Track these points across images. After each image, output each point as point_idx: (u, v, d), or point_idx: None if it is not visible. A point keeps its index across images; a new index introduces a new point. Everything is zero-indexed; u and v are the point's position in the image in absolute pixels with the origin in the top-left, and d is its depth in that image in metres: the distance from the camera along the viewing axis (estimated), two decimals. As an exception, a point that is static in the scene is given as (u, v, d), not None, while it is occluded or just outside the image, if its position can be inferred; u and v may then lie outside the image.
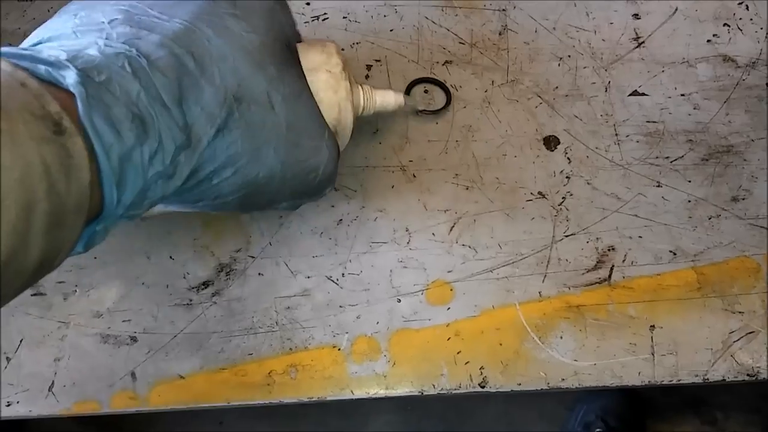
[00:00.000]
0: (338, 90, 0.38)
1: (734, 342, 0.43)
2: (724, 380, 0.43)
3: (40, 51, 0.25)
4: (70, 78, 0.24)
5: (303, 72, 0.36)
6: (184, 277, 0.44)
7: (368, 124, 0.47)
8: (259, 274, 0.44)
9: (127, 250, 0.44)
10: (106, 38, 0.27)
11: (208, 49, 0.29)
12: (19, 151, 0.20)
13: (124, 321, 0.43)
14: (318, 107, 0.36)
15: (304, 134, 0.34)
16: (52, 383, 0.42)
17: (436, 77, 0.49)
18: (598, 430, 1.16)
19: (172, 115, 0.27)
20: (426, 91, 0.49)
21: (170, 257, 0.44)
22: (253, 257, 0.45)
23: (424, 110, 0.48)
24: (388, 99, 0.43)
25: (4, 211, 0.20)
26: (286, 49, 0.34)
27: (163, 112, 0.27)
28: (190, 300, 0.43)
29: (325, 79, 0.38)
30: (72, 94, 0.24)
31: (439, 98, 0.48)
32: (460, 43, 0.50)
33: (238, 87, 0.30)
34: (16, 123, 0.21)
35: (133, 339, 0.43)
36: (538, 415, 1.25)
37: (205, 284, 0.44)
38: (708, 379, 0.43)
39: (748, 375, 0.43)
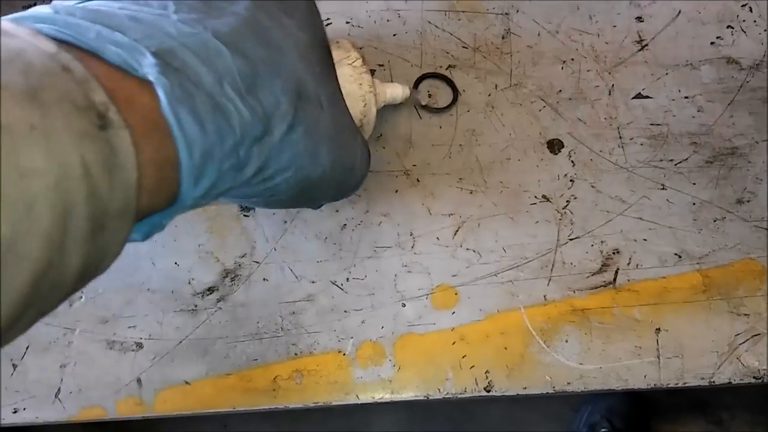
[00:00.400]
0: (362, 83, 0.39)
1: (740, 344, 0.43)
2: (730, 383, 0.43)
3: (105, 32, 0.22)
4: (147, 65, 0.22)
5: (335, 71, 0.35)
6: (189, 283, 0.44)
7: (372, 129, 0.47)
8: (264, 279, 0.44)
9: (133, 255, 0.45)
10: (176, 14, 0.24)
11: (274, 40, 0.28)
12: (55, 151, 0.18)
13: (129, 327, 0.43)
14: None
15: (345, 133, 0.33)
16: (59, 389, 0.42)
17: (443, 73, 0.49)
18: (603, 430, 1.16)
19: (251, 105, 0.25)
20: (430, 95, 0.49)
21: (175, 263, 0.44)
22: (257, 263, 0.45)
23: (428, 106, 0.48)
24: (396, 92, 0.44)
25: (37, 220, 0.18)
26: (325, 48, 0.33)
27: (243, 101, 0.25)
28: (196, 306, 0.44)
29: (349, 73, 0.38)
30: (136, 80, 0.22)
31: (444, 99, 0.48)
32: (464, 47, 0.50)
33: (297, 83, 0.28)
34: (53, 117, 0.18)
35: (139, 345, 0.43)
36: (543, 416, 1.25)
37: (210, 290, 0.44)
38: (714, 382, 0.43)
39: (754, 377, 0.43)
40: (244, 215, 0.45)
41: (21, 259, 0.17)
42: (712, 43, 0.50)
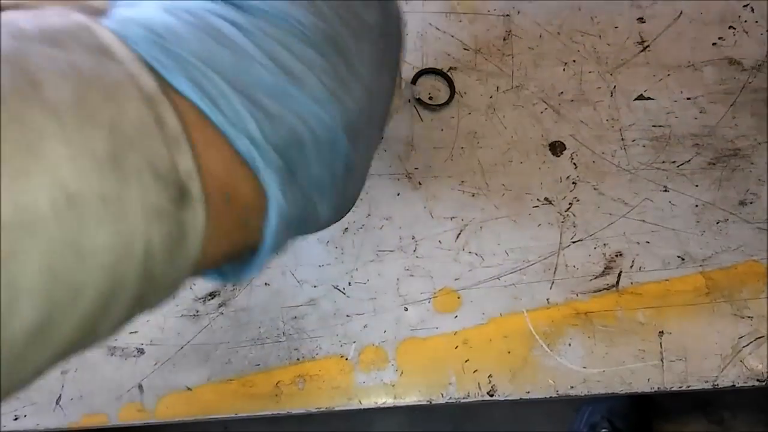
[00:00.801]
0: None
1: (743, 347, 0.43)
2: (734, 386, 0.43)
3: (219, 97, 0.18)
4: (269, 176, 0.19)
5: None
6: (191, 288, 0.44)
7: (373, 132, 0.47)
8: (266, 284, 0.44)
9: (133, 261, 0.44)
10: (317, 75, 0.20)
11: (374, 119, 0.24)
12: (122, 231, 0.15)
13: (131, 333, 0.43)
14: None
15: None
16: (60, 396, 0.42)
17: (441, 69, 0.48)
18: (603, 430, 1.15)
19: (333, 195, 0.23)
20: (431, 96, 0.48)
21: (176, 268, 0.44)
22: (259, 267, 0.44)
23: (423, 101, 0.48)
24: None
25: (80, 305, 0.15)
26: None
27: (329, 192, 0.23)
28: (197, 311, 0.43)
29: None
30: (247, 170, 0.19)
31: (444, 99, 0.48)
32: (465, 49, 0.50)
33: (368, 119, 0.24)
34: (130, 188, 0.15)
35: (140, 351, 0.43)
36: (545, 416, 1.25)
37: (212, 295, 0.44)
38: (718, 385, 0.43)
39: (758, 380, 0.43)
40: (245, 219, 0.45)
41: (48, 342, 0.15)
42: (713, 43, 0.49)
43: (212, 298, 0.44)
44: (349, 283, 0.44)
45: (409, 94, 0.48)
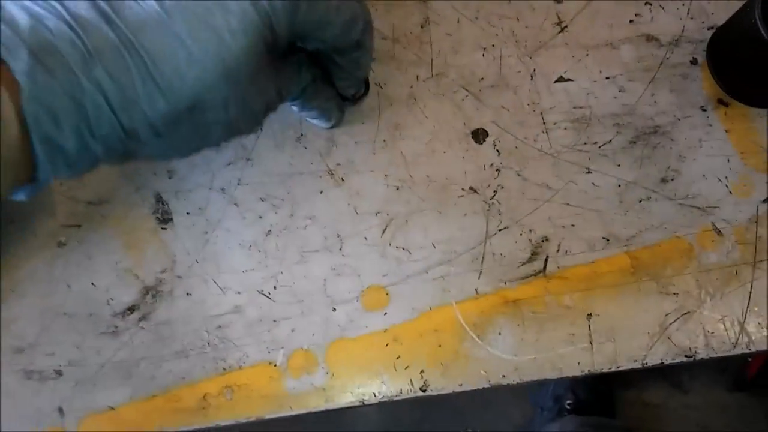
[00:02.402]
0: None
1: (670, 324, 0.43)
2: (662, 363, 0.43)
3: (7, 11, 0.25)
4: (20, 63, 0.24)
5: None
6: (108, 303, 0.42)
7: (292, 129, 0.46)
8: (187, 294, 0.43)
9: (46, 279, 0.42)
10: (78, 4, 0.26)
11: (174, 51, 0.27)
12: None
13: (47, 355, 0.41)
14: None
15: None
16: (-25, 427, 0.40)
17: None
18: (568, 401, 1.17)
19: (114, 122, 0.27)
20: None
21: (92, 284, 0.42)
22: (179, 277, 0.43)
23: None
24: None
25: None
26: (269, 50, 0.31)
27: (108, 115, 0.27)
28: (116, 327, 0.42)
29: None
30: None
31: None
32: (382, 38, 0.48)
33: (194, 97, 0.28)
34: None
35: (58, 373, 0.41)
36: (510, 391, 1.26)
37: (131, 309, 0.42)
38: (647, 363, 0.43)
39: (686, 356, 0.43)
40: (162, 228, 0.44)
41: None
42: (630, 21, 0.49)
43: (131, 313, 0.42)
44: (275, 287, 0.43)
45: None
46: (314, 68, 0.38)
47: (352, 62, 0.37)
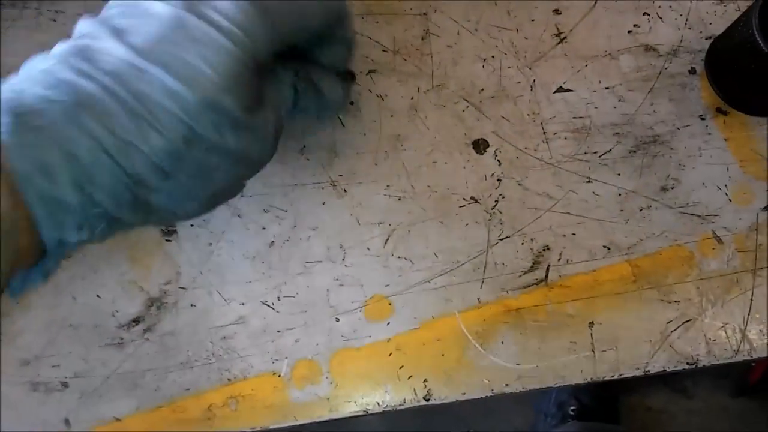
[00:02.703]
0: None
1: (672, 332, 0.44)
2: (664, 371, 0.43)
3: None
4: (3, 126, 0.24)
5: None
6: (114, 315, 0.43)
7: (294, 141, 0.46)
8: (192, 305, 0.43)
9: (52, 292, 0.43)
10: (53, 71, 0.26)
11: (155, 88, 0.26)
12: None
13: (53, 366, 0.42)
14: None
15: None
16: (-18, 439, 0.40)
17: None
18: (572, 407, 1.17)
19: (115, 168, 0.26)
20: (352, 102, 0.48)
21: (97, 296, 0.43)
22: (184, 288, 0.43)
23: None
24: None
25: None
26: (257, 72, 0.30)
27: (106, 161, 0.26)
28: (121, 338, 0.42)
29: None
30: None
31: (367, 106, 0.48)
32: (383, 50, 0.49)
33: (186, 128, 0.27)
34: None
35: (64, 384, 0.41)
36: (513, 399, 1.26)
37: (136, 321, 0.43)
38: (649, 371, 0.43)
39: (687, 363, 0.43)
40: (167, 240, 0.44)
41: None
42: (629, 31, 0.50)
43: (136, 325, 0.42)
44: (278, 297, 0.44)
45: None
46: (295, 78, 0.36)
47: (335, 55, 0.37)
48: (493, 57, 0.49)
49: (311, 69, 0.37)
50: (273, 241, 0.45)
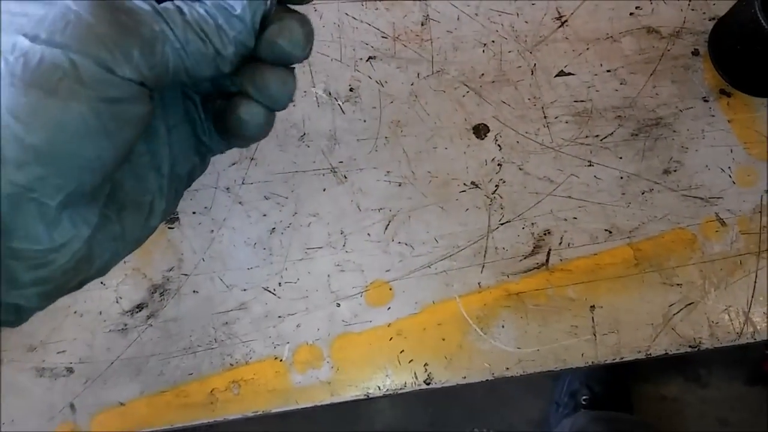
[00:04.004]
0: None
1: (674, 315, 0.43)
2: (666, 354, 0.43)
3: None
4: None
5: None
6: (117, 302, 0.43)
7: (295, 128, 0.47)
8: (194, 291, 0.44)
9: (57, 279, 0.43)
10: None
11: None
12: None
13: (58, 352, 0.42)
14: None
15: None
16: (-10, 423, 0.41)
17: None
18: (584, 396, 1.17)
19: None
20: (352, 89, 0.48)
21: (101, 283, 0.43)
22: (186, 275, 0.44)
23: None
24: None
25: None
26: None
27: None
28: (125, 324, 0.43)
29: None
30: None
31: (367, 93, 0.47)
32: (383, 37, 0.49)
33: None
34: None
35: (69, 370, 0.42)
36: (524, 388, 1.26)
37: (139, 307, 0.43)
38: (651, 354, 0.43)
39: (690, 347, 0.43)
40: (169, 227, 0.44)
41: None
42: (631, 13, 0.49)
43: (140, 311, 0.43)
44: (279, 283, 0.44)
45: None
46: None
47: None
48: (493, 42, 0.49)
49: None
50: (274, 228, 0.45)
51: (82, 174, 0.21)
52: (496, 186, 0.46)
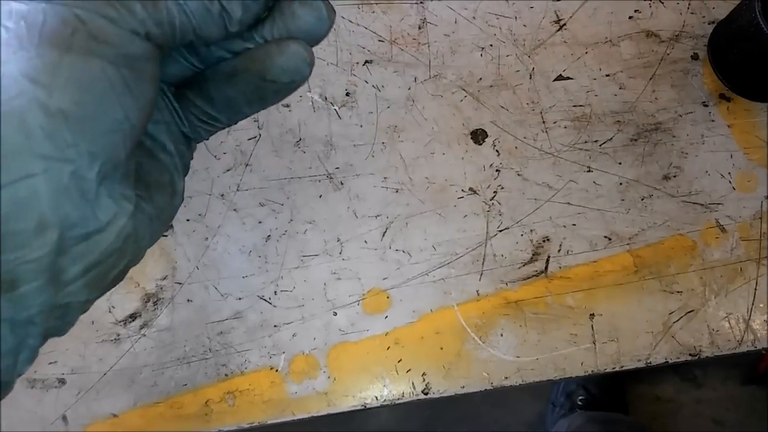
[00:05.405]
0: None
1: (674, 323, 0.43)
2: (666, 362, 0.43)
3: None
4: None
5: None
6: (110, 311, 0.42)
7: (291, 134, 0.46)
8: (188, 300, 0.43)
9: (48, 288, 0.43)
10: None
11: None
12: None
13: (50, 363, 0.41)
14: None
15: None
16: (-20, 436, 0.40)
17: None
18: (580, 397, 1.17)
19: None
20: (348, 93, 0.47)
21: (94, 292, 0.43)
22: (180, 284, 0.43)
23: None
24: None
25: None
26: None
27: None
28: (118, 335, 0.42)
29: None
30: None
31: (363, 98, 0.47)
32: (380, 40, 0.48)
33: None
34: None
35: (61, 381, 0.41)
36: (521, 391, 1.26)
37: (133, 317, 0.42)
38: (651, 362, 0.42)
39: (690, 355, 0.43)
40: (162, 235, 0.44)
41: None
42: (630, 17, 0.49)
43: (133, 320, 0.42)
44: (275, 292, 0.43)
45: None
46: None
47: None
48: (491, 45, 0.48)
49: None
50: (269, 235, 0.44)
51: (114, 138, 0.19)
52: (494, 192, 0.45)
